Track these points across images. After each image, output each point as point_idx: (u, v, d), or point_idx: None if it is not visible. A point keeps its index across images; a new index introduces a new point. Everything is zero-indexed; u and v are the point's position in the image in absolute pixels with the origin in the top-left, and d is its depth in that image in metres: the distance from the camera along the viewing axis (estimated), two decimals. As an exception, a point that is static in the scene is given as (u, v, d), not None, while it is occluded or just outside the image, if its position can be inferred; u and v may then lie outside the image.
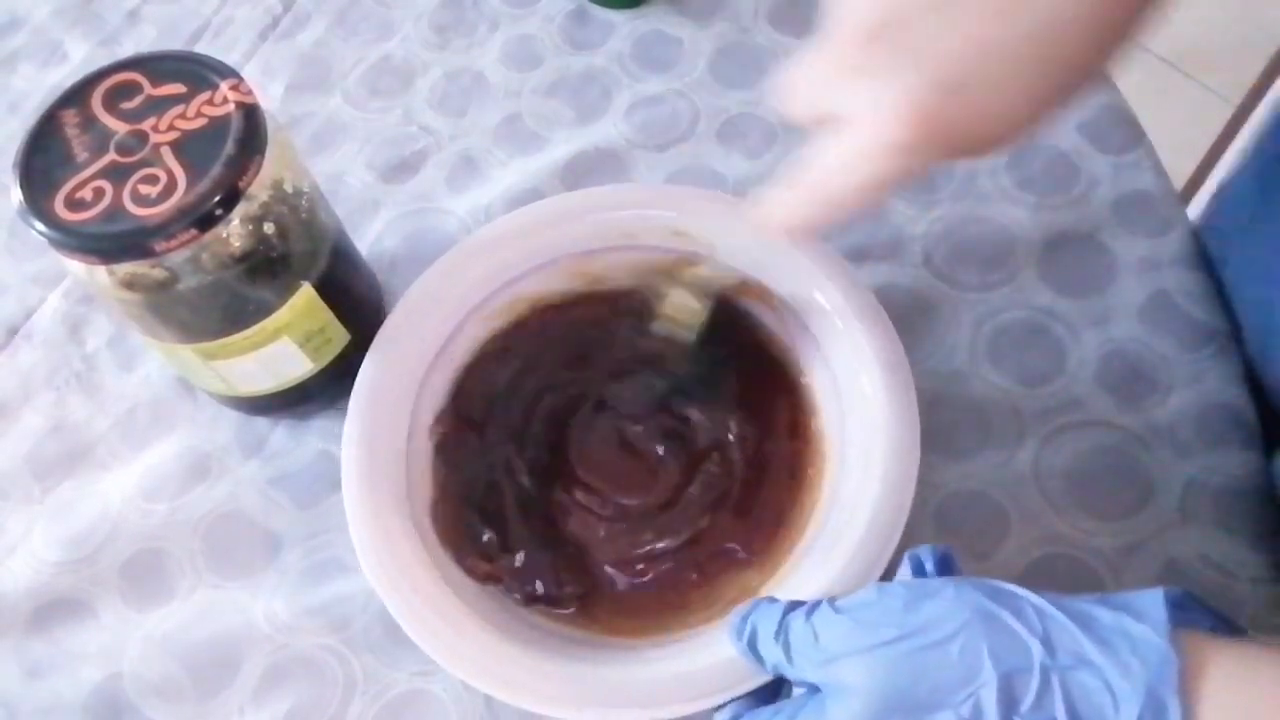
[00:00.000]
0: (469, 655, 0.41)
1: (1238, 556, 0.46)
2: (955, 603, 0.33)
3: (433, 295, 0.50)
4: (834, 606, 0.35)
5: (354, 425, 0.46)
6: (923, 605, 0.33)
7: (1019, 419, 0.50)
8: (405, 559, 0.44)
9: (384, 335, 0.49)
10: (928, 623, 0.33)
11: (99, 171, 0.42)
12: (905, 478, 0.43)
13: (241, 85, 0.44)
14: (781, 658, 0.36)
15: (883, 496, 0.42)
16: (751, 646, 0.37)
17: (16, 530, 0.52)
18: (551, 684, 0.41)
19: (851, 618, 0.34)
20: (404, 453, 0.47)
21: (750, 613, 0.38)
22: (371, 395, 0.47)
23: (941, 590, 0.34)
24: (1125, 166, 0.56)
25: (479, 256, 0.50)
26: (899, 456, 0.43)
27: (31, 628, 0.50)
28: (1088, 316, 0.52)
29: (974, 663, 0.32)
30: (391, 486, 0.46)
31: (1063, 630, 0.32)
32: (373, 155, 0.62)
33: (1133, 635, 0.31)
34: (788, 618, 0.36)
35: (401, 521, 0.45)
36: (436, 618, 0.42)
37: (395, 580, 0.43)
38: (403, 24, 0.66)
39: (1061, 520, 0.47)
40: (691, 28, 0.64)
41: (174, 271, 0.43)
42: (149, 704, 0.48)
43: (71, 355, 0.57)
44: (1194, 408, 0.49)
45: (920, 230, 0.55)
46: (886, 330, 0.46)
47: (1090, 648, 0.31)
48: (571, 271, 0.51)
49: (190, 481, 0.53)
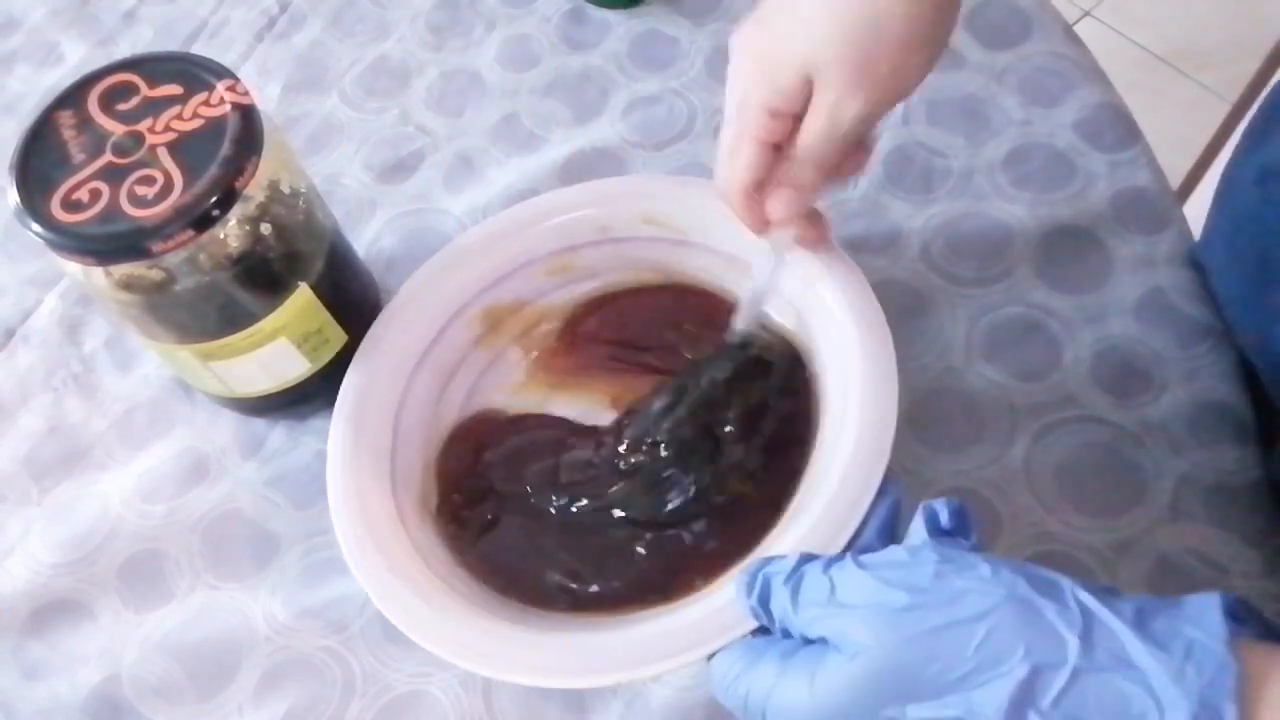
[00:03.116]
0: (453, 635, 0.41)
1: (1230, 552, 0.46)
2: (991, 582, 0.31)
3: (417, 300, 0.50)
4: (858, 561, 0.34)
5: (339, 427, 0.47)
6: (954, 578, 0.32)
7: (1013, 414, 0.50)
8: (390, 549, 0.44)
9: (369, 339, 0.49)
10: (956, 597, 0.31)
11: (96, 173, 0.42)
12: (881, 427, 0.41)
13: (238, 86, 0.44)
14: (788, 604, 0.34)
15: (856, 451, 0.40)
16: (763, 602, 0.36)
17: (14, 532, 0.53)
18: (535, 654, 0.40)
19: (875, 575, 0.33)
20: (389, 449, 0.47)
21: (761, 567, 0.36)
22: (357, 400, 0.47)
23: (978, 567, 0.32)
24: (1121, 164, 0.56)
25: (460, 263, 0.51)
26: (874, 406, 0.41)
27: (30, 629, 0.50)
28: (1083, 313, 0.52)
29: (998, 650, 0.30)
30: (377, 484, 0.46)
31: (1107, 629, 0.30)
32: (370, 156, 0.62)
33: (1189, 638, 0.29)
34: (804, 567, 0.35)
35: (390, 522, 0.45)
36: (418, 600, 0.42)
37: (375, 564, 0.43)
38: (399, 24, 0.66)
39: (1054, 517, 0.47)
40: (688, 27, 0.64)
41: (171, 272, 0.43)
42: (148, 705, 0.48)
43: (69, 357, 0.57)
44: (1187, 404, 0.49)
45: (918, 225, 0.55)
46: (863, 288, 0.45)
47: (1138, 649, 0.29)
48: (552, 269, 0.52)
49: (188, 482, 0.53)
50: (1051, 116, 0.58)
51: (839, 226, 0.55)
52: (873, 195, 0.56)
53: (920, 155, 0.57)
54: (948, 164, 0.57)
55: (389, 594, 0.42)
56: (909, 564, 0.33)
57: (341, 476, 0.45)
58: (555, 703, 0.46)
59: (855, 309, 0.44)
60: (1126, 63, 1.50)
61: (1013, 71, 0.59)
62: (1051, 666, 0.30)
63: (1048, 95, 0.59)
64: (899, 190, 0.56)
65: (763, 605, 0.36)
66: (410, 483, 0.48)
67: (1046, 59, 0.60)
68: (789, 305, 0.48)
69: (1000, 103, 0.59)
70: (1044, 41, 0.60)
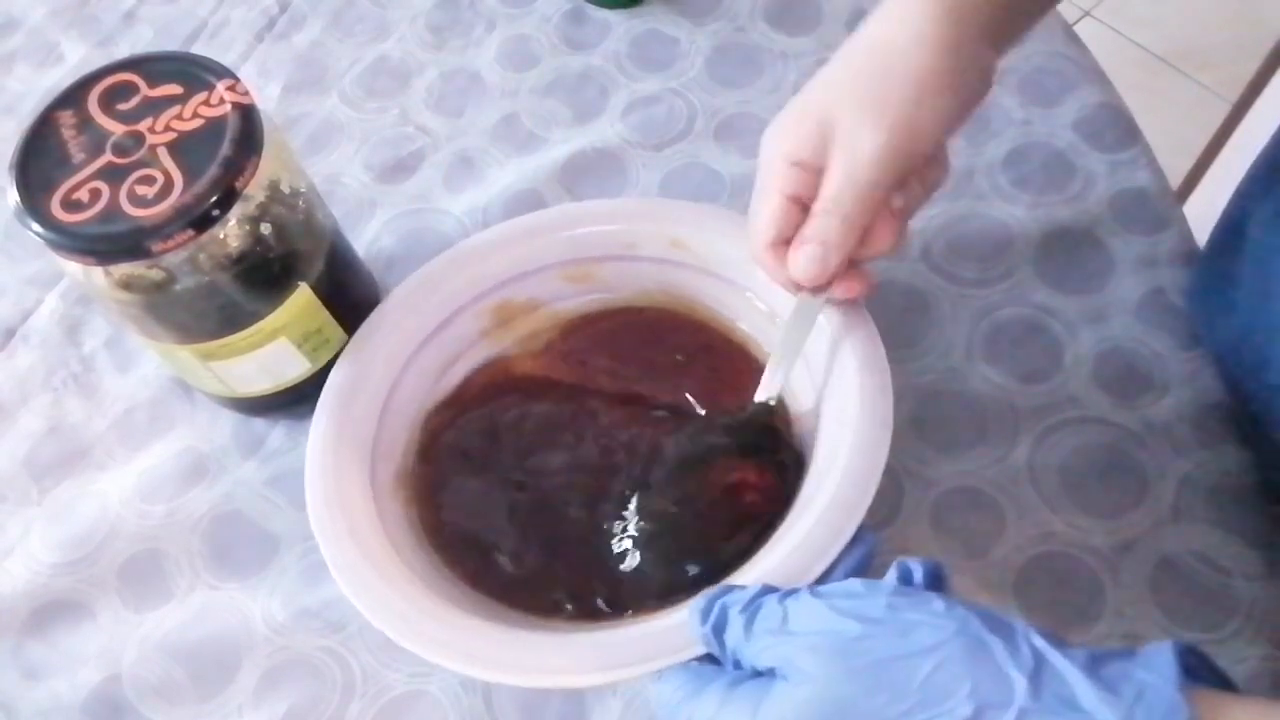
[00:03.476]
0: (445, 639, 0.41)
1: (1232, 553, 0.46)
2: (943, 617, 0.31)
3: (427, 285, 0.50)
4: (813, 591, 0.34)
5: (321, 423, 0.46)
6: (907, 611, 0.32)
7: (1015, 416, 0.50)
8: (368, 543, 0.43)
9: (369, 324, 0.49)
10: (906, 629, 0.31)
11: (95, 172, 0.42)
12: (868, 476, 0.40)
13: (238, 86, 0.44)
14: (741, 634, 0.34)
15: (839, 493, 0.40)
16: (717, 631, 0.35)
17: (14, 532, 0.53)
18: (528, 655, 0.40)
19: (828, 604, 0.33)
20: (372, 440, 0.47)
21: (719, 594, 0.36)
22: (340, 394, 0.47)
23: (932, 602, 0.32)
24: (1121, 164, 0.56)
25: (480, 254, 0.50)
26: (864, 451, 0.41)
27: (30, 629, 0.50)
28: (1084, 314, 0.52)
29: (943, 687, 0.30)
30: (358, 475, 0.46)
31: (1056, 672, 0.30)
32: (370, 155, 0.62)
33: (1140, 682, 0.29)
34: (761, 598, 0.35)
35: (371, 528, 0.45)
36: (408, 605, 0.42)
37: (348, 555, 0.43)
38: (399, 24, 0.66)
39: (1057, 518, 0.47)
40: (688, 27, 0.64)
41: (171, 272, 0.43)
42: (148, 705, 0.48)
43: (69, 357, 0.57)
44: (1189, 405, 0.49)
45: (918, 226, 0.55)
46: (868, 329, 0.45)
47: (1088, 693, 0.29)
48: (572, 275, 0.51)
49: (188, 482, 0.53)
50: (1051, 116, 0.58)
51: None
52: (873, 195, 0.56)
53: (920, 155, 0.57)
54: (948, 164, 0.57)
55: (376, 601, 0.42)
56: (863, 595, 0.33)
57: (321, 471, 0.45)
58: (555, 702, 0.46)
59: (863, 362, 0.44)
60: (1126, 63, 1.50)
61: (1013, 71, 0.59)
62: (997, 706, 0.29)
63: (1048, 95, 0.59)
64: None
65: (716, 634, 0.36)
66: (391, 474, 0.47)
67: (1046, 59, 0.60)
68: (809, 370, 0.47)
69: (1000, 103, 0.59)
70: (1044, 41, 0.60)
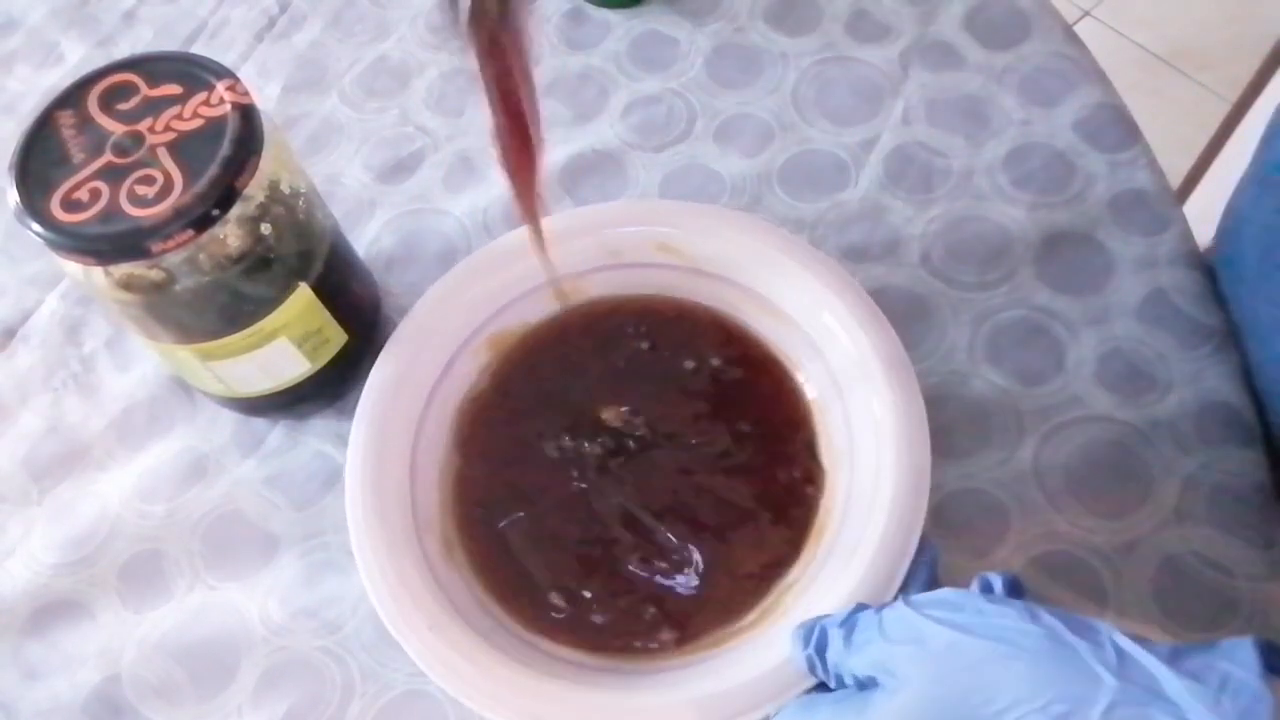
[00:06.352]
0: (490, 691, 0.41)
1: (1235, 554, 0.46)
2: (1028, 622, 0.33)
3: (425, 328, 0.49)
4: (907, 601, 0.36)
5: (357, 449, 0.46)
6: (995, 617, 0.34)
7: (1018, 418, 0.50)
8: (421, 597, 0.43)
9: (385, 355, 0.48)
10: (998, 635, 0.33)
11: (95, 172, 0.42)
12: (918, 490, 0.42)
13: (238, 86, 0.44)
14: (842, 647, 0.36)
15: (894, 507, 0.42)
16: (819, 650, 0.37)
17: (14, 532, 0.52)
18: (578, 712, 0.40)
19: (922, 612, 0.35)
20: (409, 472, 0.47)
21: (817, 620, 0.38)
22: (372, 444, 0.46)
23: (1017, 608, 0.34)
24: (1121, 165, 0.56)
25: (466, 288, 0.50)
26: (911, 471, 0.43)
27: (30, 629, 0.50)
28: (1085, 315, 0.52)
29: (1035, 683, 0.32)
30: (401, 521, 0.45)
31: (1141, 665, 0.31)
32: (369, 156, 0.62)
33: (1224, 671, 0.31)
34: (858, 614, 0.37)
35: (411, 555, 0.44)
36: (459, 658, 0.41)
37: (412, 620, 0.42)
38: (399, 24, 0.66)
39: (1061, 518, 0.47)
40: (688, 27, 0.64)
41: (171, 272, 0.43)
42: (148, 705, 0.48)
43: (69, 357, 0.57)
44: (1192, 406, 0.49)
45: (918, 230, 0.55)
46: (888, 336, 0.46)
47: (1173, 683, 0.31)
48: (558, 293, 0.51)
49: (188, 482, 0.53)
50: (1051, 117, 0.58)
51: (839, 233, 0.55)
52: (873, 196, 0.56)
53: (920, 155, 0.57)
54: (948, 164, 0.57)
55: (432, 654, 0.42)
56: (955, 603, 0.35)
57: (369, 539, 0.44)
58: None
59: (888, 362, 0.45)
60: (1126, 63, 1.50)
61: (1013, 71, 0.59)
62: (1088, 700, 0.31)
63: (1048, 95, 0.59)
64: (899, 190, 0.56)
65: (819, 654, 0.38)
66: (430, 523, 0.47)
67: (1046, 59, 0.60)
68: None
69: (1000, 103, 0.59)
70: (1044, 41, 0.60)
